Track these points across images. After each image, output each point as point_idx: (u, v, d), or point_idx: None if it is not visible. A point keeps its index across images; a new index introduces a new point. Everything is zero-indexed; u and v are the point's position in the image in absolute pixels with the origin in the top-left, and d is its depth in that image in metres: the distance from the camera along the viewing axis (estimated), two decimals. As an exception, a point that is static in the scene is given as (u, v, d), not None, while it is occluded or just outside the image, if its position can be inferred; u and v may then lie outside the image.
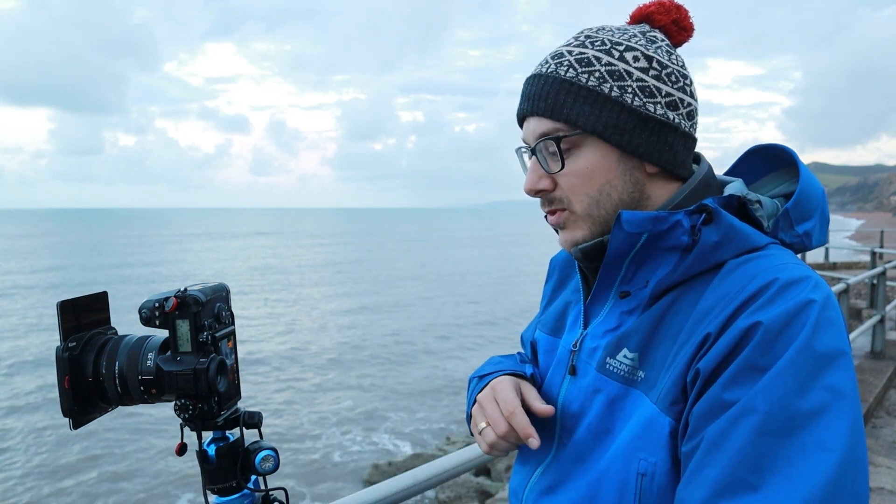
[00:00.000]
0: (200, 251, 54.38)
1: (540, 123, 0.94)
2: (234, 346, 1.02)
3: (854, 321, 8.93)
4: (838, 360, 0.73)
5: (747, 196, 0.91)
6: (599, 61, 0.91)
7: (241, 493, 1.00)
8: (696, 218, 0.87)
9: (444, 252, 51.95)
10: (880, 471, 4.43)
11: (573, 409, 0.96)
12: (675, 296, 0.87)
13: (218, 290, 0.99)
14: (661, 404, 0.82)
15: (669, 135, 0.92)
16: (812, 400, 0.70)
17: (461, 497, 7.44)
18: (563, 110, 0.91)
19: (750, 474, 0.70)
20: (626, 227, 0.87)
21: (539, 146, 0.95)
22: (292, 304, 24.90)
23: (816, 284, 0.78)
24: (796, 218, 0.91)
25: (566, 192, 0.94)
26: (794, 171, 0.97)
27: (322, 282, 32.51)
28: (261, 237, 79.75)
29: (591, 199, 0.93)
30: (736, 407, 0.73)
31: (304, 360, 15.67)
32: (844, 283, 5.69)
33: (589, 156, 0.92)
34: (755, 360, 0.74)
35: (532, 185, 0.97)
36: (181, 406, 0.95)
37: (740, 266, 0.83)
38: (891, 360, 6.94)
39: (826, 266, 16.61)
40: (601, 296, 0.98)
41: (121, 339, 0.98)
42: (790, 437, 0.70)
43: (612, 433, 0.89)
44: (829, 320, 0.75)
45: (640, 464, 0.82)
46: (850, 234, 52.32)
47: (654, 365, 0.85)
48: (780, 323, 0.74)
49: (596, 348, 0.95)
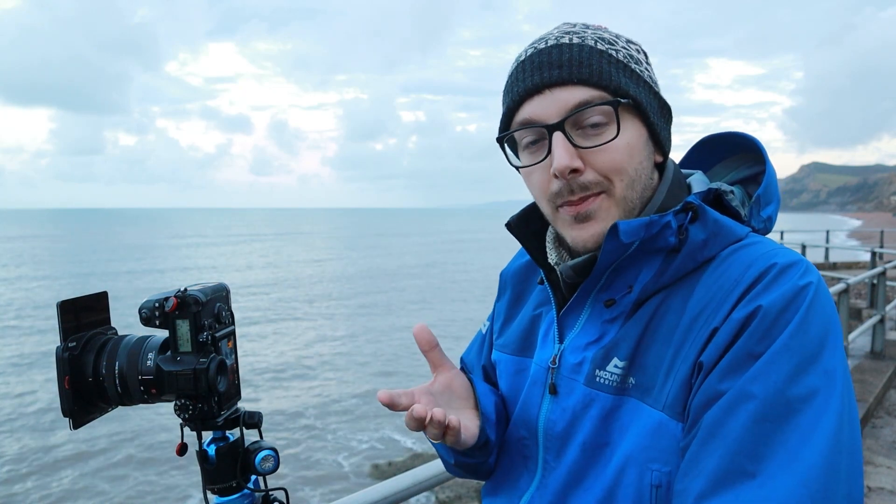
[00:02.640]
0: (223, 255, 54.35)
1: (579, 92, 0.84)
2: (234, 346, 1.02)
3: (854, 321, 8.92)
4: (829, 341, 0.74)
5: (722, 188, 0.91)
6: (618, 40, 0.88)
7: (241, 493, 1.00)
8: (682, 217, 0.85)
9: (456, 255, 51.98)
10: (880, 471, 4.43)
11: (557, 429, 0.90)
12: (662, 298, 0.86)
13: (218, 290, 0.99)
14: (671, 410, 0.79)
15: (671, 125, 0.93)
16: (806, 384, 0.71)
17: (461, 497, 7.44)
18: (612, 78, 0.84)
19: (747, 462, 0.70)
20: (623, 238, 0.83)
21: (574, 118, 0.84)
22: (292, 304, 24.91)
23: (808, 268, 0.79)
24: (764, 203, 0.91)
25: (606, 170, 0.85)
26: (745, 158, 0.98)
27: (322, 282, 32.52)
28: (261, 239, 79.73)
29: (629, 179, 0.86)
30: (731, 393, 0.72)
31: (304, 359, 15.67)
32: (844, 283, 5.69)
33: (630, 131, 0.86)
34: (751, 347, 0.74)
35: (569, 162, 0.83)
36: (181, 406, 0.95)
37: (729, 258, 0.83)
38: (891, 360, 6.94)
39: (826, 266, 16.61)
40: (577, 307, 0.93)
41: (121, 339, 0.98)
42: (786, 422, 0.70)
43: (609, 446, 0.85)
44: (822, 303, 0.76)
45: (654, 475, 0.79)
46: (847, 233, 52.27)
47: (647, 370, 0.83)
48: (778, 307, 0.74)
49: (581, 362, 0.89)
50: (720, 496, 0.70)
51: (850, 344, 5.91)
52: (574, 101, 0.84)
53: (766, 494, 0.67)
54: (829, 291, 0.79)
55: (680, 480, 0.75)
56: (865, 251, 14.72)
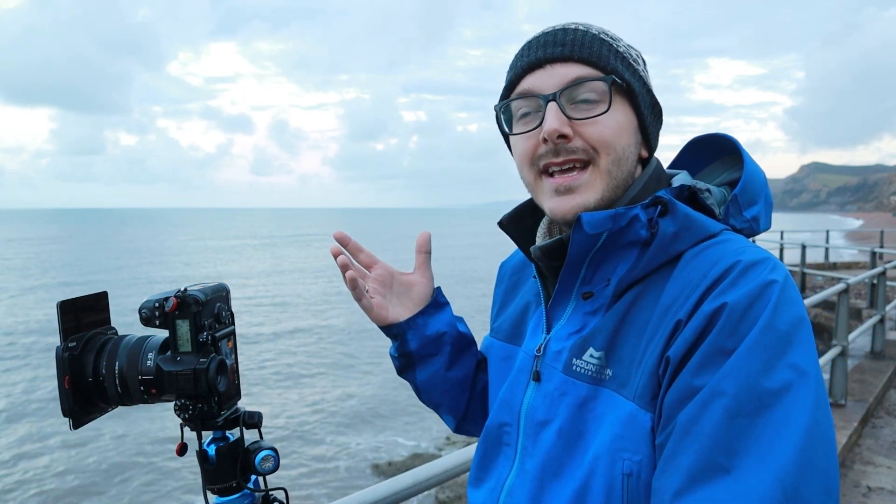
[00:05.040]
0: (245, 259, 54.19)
1: (577, 69, 0.90)
2: (234, 346, 1.02)
3: (854, 321, 8.92)
4: (799, 336, 0.75)
5: (697, 185, 0.92)
6: (619, 39, 0.94)
7: (241, 493, 1.00)
8: (652, 211, 0.87)
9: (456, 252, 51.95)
10: (880, 471, 4.43)
11: (539, 416, 0.93)
12: (638, 291, 0.88)
13: (218, 290, 0.99)
14: (640, 401, 0.81)
15: (660, 124, 0.97)
16: (777, 379, 0.72)
17: (461, 497, 7.44)
18: (610, 61, 0.90)
19: (722, 457, 0.70)
20: (588, 229, 0.86)
21: (570, 92, 0.89)
22: (294, 302, 24.91)
23: (775, 266, 0.79)
24: (744, 203, 0.92)
25: (594, 141, 0.89)
26: (735, 160, 0.99)
27: (323, 283, 32.51)
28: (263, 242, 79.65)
29: (616, 156, 0.90)
30: (705, 391, 0.73)
31: (305, 360, 15.67)
32: (844, 283, 5.68)
33: (621, 112, 0.91)
34: (721, 343, 0.74)
35: (559, 126, 0.88)
36: (181, 406, 0.95)
37: (700, 253, 0.84)
38: (891, 360, 6.94)
39: (826, 266, 16.61)
40: (562, 299, 0.96)
41: (121, 339, 0.98)
42: (758, 417, 0.71)
43: (584, 436, 0.87)
44: (790, 300, 0.77)
45: (625, 464, 0.81)
46: (845, 234, 52.23)
47: (623, 362, 0.85)
48: (743, 304, 0.75)
49: (561, 351, 0.93)
50: (696, 492, 0.71)
51: (850, 344, 5.90)
52: (572, 76, 0.89)
53: (741, 489, 0.68)
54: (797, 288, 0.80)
55: (657, 478, 0.76)
56: (864, 251, 14.73)
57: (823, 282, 13.61)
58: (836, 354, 5.49)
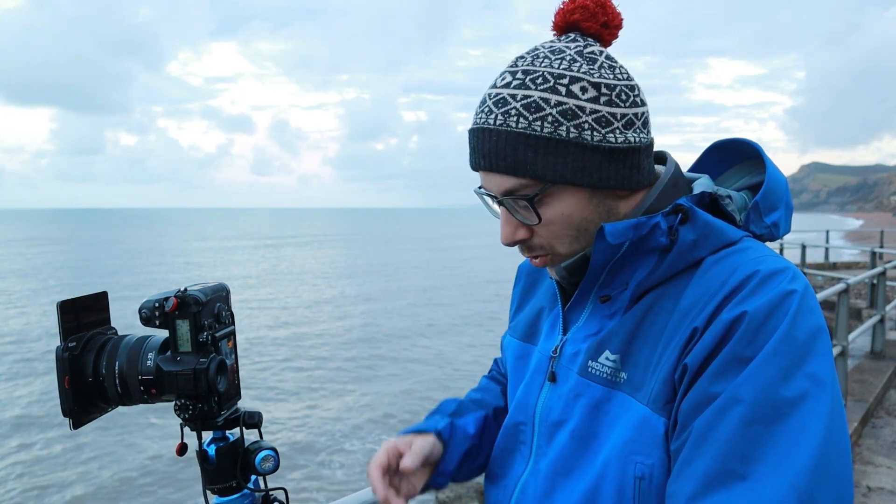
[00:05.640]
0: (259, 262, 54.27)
1: (503, 180, 0.89)
2: (234, 346, 1.02)
3: (854, 321, 8.92)
4: (817, 346, 0.75)
5: (717, 192, 0.92)
6: (548, 103, 0.85)
7: (241, 493, 1.00)
8: (672, 219, 0.87)
9: (444, 252, 51.98)
10: (880, 471, 4.43)
11: (553, 416, 0.94)
12: (656, 296, 0.88)
13: (218, 290, 0.99)
14: (654, 405, 0.82)
15: (633, 157, 0.89)
16: (795, 387, 0.72)
17: (461, 497, 7.44)
18: (527, 166, 0.86)
19: (738, 464, 0.71)
20: (610, 239, 0.87)
21: (508, 202, 0.91)
22: (294, 303, 24.93)
23: (795, 275, 0.79)
24: (765, 209, 0.92)
25: (547, 240, 0.92)
26: (756, 164, 0.99)
27: (323, 282, 32.54)
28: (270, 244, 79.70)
29: (571, 238, 0.92)
30: (721, 398, 0.74)
31: (305, 360, 15.68)
32: (844, 283, 5.68)
33: (563, 202, 0.89)
34: (740, 352, 0.75)
35: (510, 238, 0.93)
36: (181, 406, 0.95)
37: (719, 261, 0.84)
38: (891, 360, 6.94)
39: (826, 266, 16.62)
40: (580, 302, 0.97)
41: (121, 339, 0.98)
42: (775, 425, 0.71)
43: (597, 438, 0.87)
44: (809, 309, 0.77)
45: (637, 467, 0.81)
46: (845, 234, 52.16)
47: (638, 366, 0.85)
48: (763, 313, 0.75)
49: (577, 352, 0.93)
50: (711, 497, 0.71)
51: (850, 344, 5.91)
52: (503, 188, 0.90)
53: (755, 496, 0.69)
54: (817, 298, 0.81)
55: (672, 483, 0.77)
56: (864, 251, 14.72)
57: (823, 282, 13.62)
58: (836, 354, 5.50)
